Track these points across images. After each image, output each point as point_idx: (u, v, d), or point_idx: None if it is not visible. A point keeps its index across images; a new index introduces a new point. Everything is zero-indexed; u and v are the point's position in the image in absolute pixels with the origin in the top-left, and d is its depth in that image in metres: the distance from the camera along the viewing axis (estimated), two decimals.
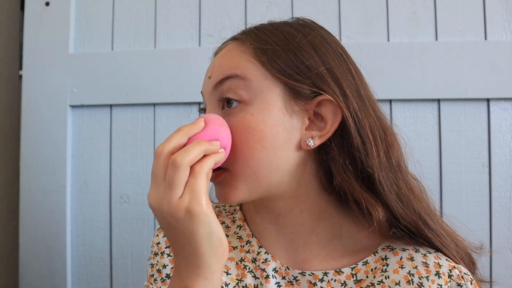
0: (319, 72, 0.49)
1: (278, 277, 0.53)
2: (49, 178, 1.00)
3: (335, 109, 0.48)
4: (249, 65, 0.49)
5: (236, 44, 0.52)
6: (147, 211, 1.00)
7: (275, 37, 0.50)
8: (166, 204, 0.41)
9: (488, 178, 0.94)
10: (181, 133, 0.44)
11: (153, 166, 0.43)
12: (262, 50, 0.49)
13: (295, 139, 0.49)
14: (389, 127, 0.52)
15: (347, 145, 0.49)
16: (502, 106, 0.94)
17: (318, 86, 0.48)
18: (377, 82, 0.93)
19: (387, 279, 0.50)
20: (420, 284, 0.49)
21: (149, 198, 0.42)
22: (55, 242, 1.00)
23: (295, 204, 0.52)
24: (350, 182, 0.48)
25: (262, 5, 0.99)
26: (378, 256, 0.53)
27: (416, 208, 0.50)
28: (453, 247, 0.51)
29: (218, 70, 0.51)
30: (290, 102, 0.49)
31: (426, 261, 0.51)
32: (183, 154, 0.41)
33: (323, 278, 0.52)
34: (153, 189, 0.42)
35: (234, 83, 0.49)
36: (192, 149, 0.42)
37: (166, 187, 0.41)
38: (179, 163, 0.41)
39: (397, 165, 0.50)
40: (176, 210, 0.41)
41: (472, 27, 0.95)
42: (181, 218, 0.41)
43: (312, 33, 0.52)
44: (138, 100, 1.00)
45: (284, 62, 0.49)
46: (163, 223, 0.43)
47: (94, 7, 1.03)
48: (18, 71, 1.11)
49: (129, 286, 0.99)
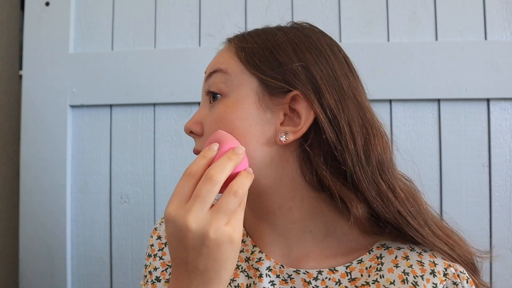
0: (292, 68, 0.49)
1: (272, 275, 0.53)
2: (49, 178, 1.00)
3: (308, 106, 0.49)
4: (231, 61, 0.52)
5: (227, 45, 0.56)
6: (147, 211, 1.00)
7: (257, 37, 0.53)
8: (214, 229, 0.41)
9: (488, 178, 0.94)
10: (231, 164, 0.44)
11: (204, 190, 0.41)
12: (242, 48, 0.53)
13: (268, 133, 0.50)
14: (375, 125, 0.51)
15: (322, 142, 0.49)
16: (502, 106, 0.94)
17: (290, 82, 0.49)
18: (377, 82, 0.94)
19: (382, 278, 0.50)
20: (415, 283, 0.49)
21: (187, 220, 0.41)
22: (55, 242, 1.00)
23: (283, 201, 0.52)
24: (329, 178, 0.48)
25: (262, 5, 0.99)
26: (373, 254, 0.52)
27: (398, 208, 0.49)
28: (447, 250, 0.50)
29: (210, 66, 0.55)
30: (265, 97, 0.50)
31: (421, 259, 0.51)
32: (242, 186, 0.43)
33: (317, 276, 0.52)
34: (196, 212, 0.41)
35: (218, 76, 0.53)
36: (246, 181, 0.44)
37: (216, 212, 0.41)
38: (240, 195, 0.42)
39: (378, 163, 0.49)
40: (222, 237, 0.41)
41: (472, 27, 0.95)
42: (223, 245, 0.41)
43: (295, 32, 0.53)
44: (138, 100, 1.00)
45: (259, 59, 0.51)
46: (194, 244, 0.41)
47: (94, 7, 1.03)
48: (18, 71, 1.11)
49: (129, 286, 0.99)
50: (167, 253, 0.59)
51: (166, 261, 0.58)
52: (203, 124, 0.54)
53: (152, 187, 1.00)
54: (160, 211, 1.00)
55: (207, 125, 0.52)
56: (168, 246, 0.44)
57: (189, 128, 0.55)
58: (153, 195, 1.00)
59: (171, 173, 1.00)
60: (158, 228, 0.62)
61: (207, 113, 0.53)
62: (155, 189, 1.00)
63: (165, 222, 0.43)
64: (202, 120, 0.54)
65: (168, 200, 0.43)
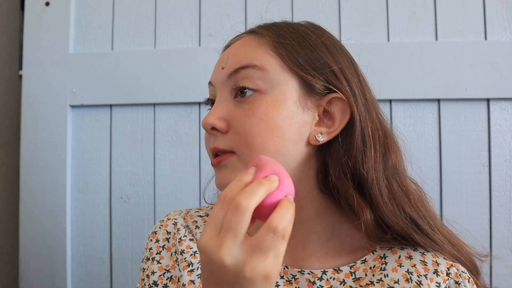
0: (333, 70, 0.50)
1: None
2: (49, 178, 1.00)
3: (345, 108, 0.50)
4: (267, 57, 0.51)
5: (254, 37, 0.53)
6: (147, 211, 1.00)
7: (292, 33, 0.52)
8: (250, 268, 0.37)
9: (488, 178, 0.94)
10: (263, 190, 0.39)
11: (234, 221, 0.37)
12: (280, 44, 0.51)
13: (305, 133, 0.50)
14: (389, 130, 0.54)
15: (348, 144, 0.49)
16: (502, 106, 0.94)
17: (332, 83, 0.50)
18: (377, 82, 0.93)
19: (386, 278, 0.50)
20: (419, 282, 0.49)
21: (221, 254, 0.37)
22: (55, 242, 1.00)
23: (296, 201, 0.52)
24: (344, 182, 0.49)
25: (262, 5, 0.99)
26: (376, 254, 0.53)
27: (408, 212, 0.50)
28: (449, 251, 0.51)
29: (234, 60, 0.52)
30: (304, 96, 0.50)
31: (424, 259, 0.51)
32: (283, 223, 0.38)
33: (322, 276, 0.52)
34: (229, 246, 0.37)
35: (251, 72, 0.50)
36: (287, 216, 0.39)
37: (253, 249, 0.37)
38: (280, 232, 0.37)
39: (393, 168, 0.51)
40: (258, 276, 0.37)
41: (472, 27, 0.95)
42: (258, 282, 0.38)
43: (325, 35, 0.54)
44: (138, 100, 1.00)
45: (301, 57, 0.50)
46: (227, 281, 0.38)
47: (94, 7, 1.03)
48: (18, 71, 1.11)
49: (129, 286, 0.99)
50: (165, 257, 0.58)
51: (164, 265, 0.57)
52: (228, 121, 0.51)
53: (152, 187, 1.00)
54: (160, 211, 0.99)
55: (237, 121, 0.50)
56: (201, 274, 0.41)
57: (212, 124, 0.50)
58: (153, 195, 1.00)
59: (171, 173, 1.00)
60: (158, 232, 0.61)
61: (233, 109, 0.51)
62: (155, 189, 1.00)
63: (199, 252, 0.40)
64: (227, 116, 0.51)
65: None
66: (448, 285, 0.49)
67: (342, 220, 0.53)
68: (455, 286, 0.49)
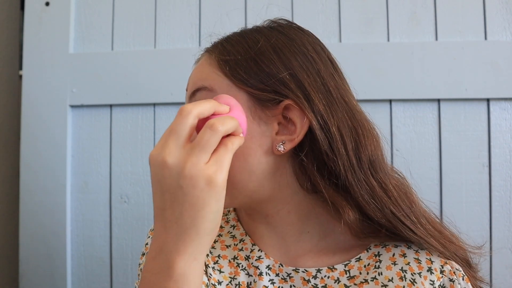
0: (281, 78, 0.49)
1: (272, 274, 0.53)
2: (49, 178, 1.00)
3: (301, 114, 0.48)
4: (215, 77, 0.51)
5: (207, 57, 0.54)
6: (147, 211, 1.00)
7: (238, 46, 0.51)
8: (190, 165, 0.39)
9: (488, 178, 0.94)
10: (210, 104, 0.43)
11: (176, 123, 0.40)
12: (225, 61, 0.50)
13: (265, 145, 0.49)
14: (364, 125, 0.51)
15: (316, 147, 0.48)
16: (502, 106, 0.94)
17: (280, 92, 0.49)
18: (377, 82, 0.94)
19: (380, 276, 0.50)
20: (413, 280, 0.49)
21: (163, 155, 0.39)
22: (55, 242, 1.00)
23: (281, 205, 0.53)
24: (321, 184, 0.48)
25: (262, 5, 0.99)
26: (371, 252, 0.53)
27: (392, 209, 0.49)
28: (440, 248, 0.50)
29: (191, 82, 0.54)
30: (256, 110, 0.49)
31: (418, 257, 0.51)
32: (222, 123, 0.40)
33: (316, 275, 0.52)
34: (171, 147, 0.39)
35: (203, 94, 0.51)
36: (228, 122, 0.41)
37: (192, 148, 0.39)
38: (219, 130, 0.40)
39: (370, 164, 0.49)
40: (198, 175, 0.39)
41: (472, 27, 0.95)
42: (199, 185, 0.39)
43: (278, 36, 0.52)
44: (138, 100, 1.00)
45: (245, 72, 0.49)
46: (170, 185, 0.39)
47: (94, 7, 1.03)
48: (18, 71, 1.11)
49: (129, 286, 0.99)
50: None
51: None
52: None
53: None
54: None
55: None
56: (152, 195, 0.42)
57: None
58: None
59: None
60: None
61: None
62: None
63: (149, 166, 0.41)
64: None
65: None
66: (442, 283, 0.49)
67: (332, 220, 0.52)
68: (450, 284, 0.49)
